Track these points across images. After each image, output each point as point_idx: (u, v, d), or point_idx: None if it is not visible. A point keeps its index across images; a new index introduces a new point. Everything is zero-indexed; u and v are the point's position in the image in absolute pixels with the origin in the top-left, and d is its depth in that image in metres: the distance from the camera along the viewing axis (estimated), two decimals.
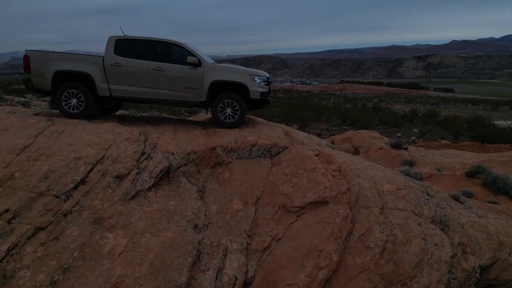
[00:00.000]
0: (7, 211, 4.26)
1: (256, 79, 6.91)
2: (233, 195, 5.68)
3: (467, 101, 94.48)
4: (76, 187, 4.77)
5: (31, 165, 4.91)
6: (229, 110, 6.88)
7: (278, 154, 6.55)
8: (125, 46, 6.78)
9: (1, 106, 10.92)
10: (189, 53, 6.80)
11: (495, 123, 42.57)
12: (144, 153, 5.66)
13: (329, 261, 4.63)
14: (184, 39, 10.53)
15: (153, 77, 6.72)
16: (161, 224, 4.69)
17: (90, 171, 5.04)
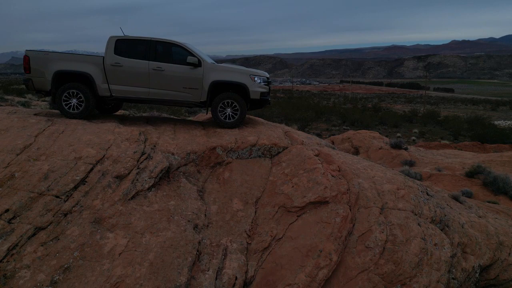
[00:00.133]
0: (7, 211, 4.26)
1: (256, 79, 6.91)
2: (233, 195, 5.69)
3: (467, 101, 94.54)
4: (76, 187, 4.78)
5: (31, 165, 4.92)
6: (229, 110, 6.89)
7: (278, 154, 6.56)
8: (125, 46, 6.79)
9: (2, 106, 10.93)
10: (189, 53, 6.81)
11: (495, 123, 42.56)
12: (144, 153, 5.67)
13: (329, 261, 4.63)
14: (184, 39, 10.53)
15: (153, 77, 6.72)
16: (161, 224, 4.70)
17: (90, 171, 5.04)
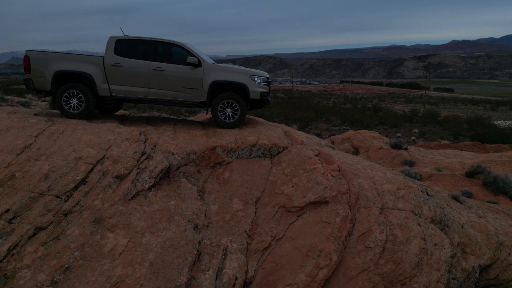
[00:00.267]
0: (7, 211, 4.27)
1: (256, 79, 6.91)
2: (233, 195, 5.69)
3: (467, 101, 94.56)
4: (76, 187, 4.78)
5: (31, 165, 4.92)
6: (229, 110, 6.89)
7: (278, 154, 6.56)
8: (125, 46, 6.79)
9: (2, 106, 10.93)
10: (189, 53, 6.81)
11: (495, 123, 42.56)
12: (144, 153, 5.67)
13: (329, 261, 4.64)
14: (184, 39, 10.53)
15: (153, 77, 6.72)
16: (161, 224, 4.70)
17: (90, 171, 5.05)
